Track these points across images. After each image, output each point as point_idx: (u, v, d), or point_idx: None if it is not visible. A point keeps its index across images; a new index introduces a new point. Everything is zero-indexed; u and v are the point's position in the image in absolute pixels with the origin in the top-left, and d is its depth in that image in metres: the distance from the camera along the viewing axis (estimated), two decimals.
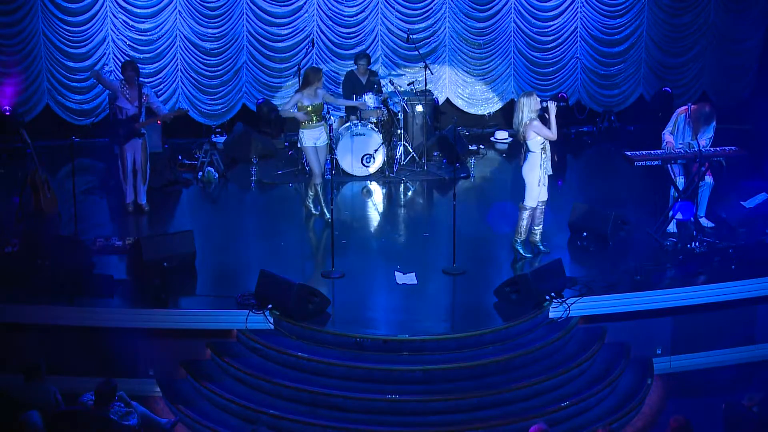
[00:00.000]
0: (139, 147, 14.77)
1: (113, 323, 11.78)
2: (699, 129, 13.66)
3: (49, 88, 18.46)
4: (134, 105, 14.62)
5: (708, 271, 12.71)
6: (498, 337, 11.60)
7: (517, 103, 13.09)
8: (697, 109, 13.70)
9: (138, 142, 14.74)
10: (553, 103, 12.89)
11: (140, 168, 14.82)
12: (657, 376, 12.15)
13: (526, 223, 13.20)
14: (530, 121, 12.83)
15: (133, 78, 14.65)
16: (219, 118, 19.09)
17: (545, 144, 12.91)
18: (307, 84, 14.37)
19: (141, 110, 14.65)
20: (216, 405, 11.38)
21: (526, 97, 12.96)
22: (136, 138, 14.71)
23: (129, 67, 14.78)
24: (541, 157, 12.90)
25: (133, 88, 14.66)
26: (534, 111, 12.86)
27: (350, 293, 12.61)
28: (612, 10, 19.70)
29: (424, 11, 19.38)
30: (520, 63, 19.79)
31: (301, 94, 14.37)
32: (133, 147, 14.73)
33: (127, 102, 14.63)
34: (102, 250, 13.44)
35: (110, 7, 18.29)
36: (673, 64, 20.04)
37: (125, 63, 15.10)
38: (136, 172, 14.83)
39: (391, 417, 10.97)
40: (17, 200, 15.18)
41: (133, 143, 14.71)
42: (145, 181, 14.95)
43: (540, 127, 12.82)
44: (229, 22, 18.79)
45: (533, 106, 12.88)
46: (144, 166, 14.86)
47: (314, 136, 14.44)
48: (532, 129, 12.82)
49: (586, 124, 19.94)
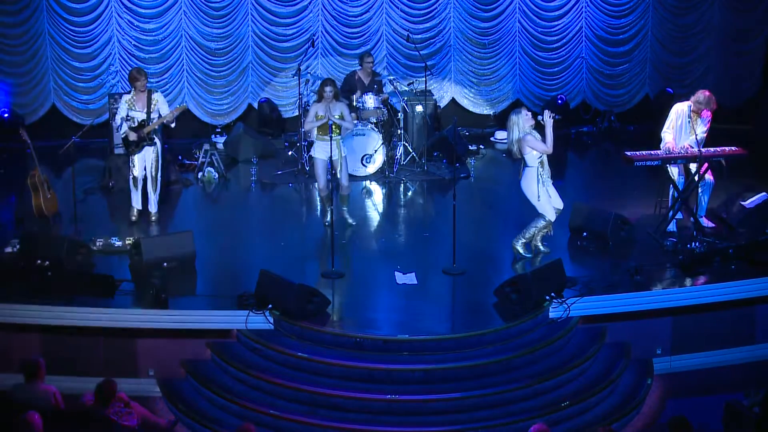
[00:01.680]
0: (151, 154, 14.48)
1: (113, 323, 11.79)
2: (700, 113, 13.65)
3: (55, 88, 18.53)
4: (143, 111, 14.34)
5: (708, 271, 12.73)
6: (498, 337, 11.60)
7: (509, 122, 12.99)
8: (698, 94, 13.74)
9: (149, 149, 14.46)
10: (549, 115, 12.81)
11: (151, 175, 14.52)
12: (657, 376, 12.13)
13: (535, 230, 13.18)
14: (524, 135, 12.78)
15: (142, 85, 14.32)
16: (225, 118, 19.13)
17: (543, 158, 12.84)
18: (320, 97, 14.08)
19: (149, 116, 14.34)
20: (216, 405, 11.39)
21: (516, 115, 12.88)
22: (147, 145, 14.43)
23: (137, 75, 14.40)
24: (538, 171, 12.85)
25: (143, 95, 14.38)
26: (527, 127, 12.82)
27: (350, 293, 12.62)
28: (617, 9, 19.70)
29: (428, 11, 19.38)
30: (525, 63, 19.79)
31: (318, 105, 14.06)
32: (143, 154, 14.46)
33: (136, 111, 14.37)
34: (102, 250, 13.47)
35: (115, 7, 18.34)
36: (678, 64, 20.04)
37: (133, 72, 14.57)
38: (146, 179, 14.57)
39: (391, 417, 10.96)
40: (13, 199, 15.24)
41: (145, 150, 14.43)
42: (155, 189, 14.63)
43: (534, 142, 12.74)
44: (234, 22, 18.82)
45: (524, 122, 12.83)
46: (155, 174, 14.56)
47: (326, 149, 13.69)
48: (527, 144, 12.74)
49: (586, 124, 19.93)
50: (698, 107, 13.72)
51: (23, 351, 11.52)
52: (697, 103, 13.72)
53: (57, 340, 11.86)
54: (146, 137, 14.39)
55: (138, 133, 14.35)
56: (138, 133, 14.35)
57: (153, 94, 14.47)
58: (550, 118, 12.71)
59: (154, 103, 14.39)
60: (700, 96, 13.76)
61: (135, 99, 14.40)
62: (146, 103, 14.36)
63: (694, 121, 13.70)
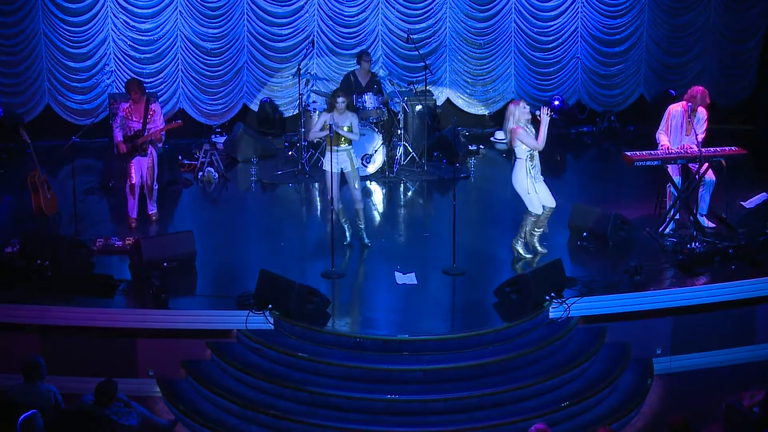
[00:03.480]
0: (144, 164, 14.32)
1: (113, 323, 11.78)
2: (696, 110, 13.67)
3: (50, 88, 18.47)
4: (140, 122, 14.21)
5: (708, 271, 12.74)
6: (498, 337, 11.61)
7: (507, 111, 13.00)
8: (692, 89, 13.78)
9: (143, 160, 14.30)
10: (546, 110, 12.77)
11: (147, 184, 14.41)
12: (657, 376, 12.14)
13: (529, 228, 13.19)
14: (515, 127, 12.76)
15: (139, 97, 14.21)
16: (220, 118, 19.09)
17: (533, 152, 12.85)
18: (332, 107, 13.49)
19: (145, 127, 14.20)
20: (216, 405, 11.38)
21: (514, 105, 12.89)
22: (140, 156, 14.26)
23: (135, 86, 14.28)
24: (527, 164, 12.84)
25: (140, 105, 14.25)
26: (522, 119, 12.80)
27: (350, 293, 12.64)
28: (612, 10, 19.70)
29: (424, 11, 19.37)
30: (520, 63, 19.78)
31: (328, 116, 13.43)
32: (138, 163, 14.29)
33: (133, 121, 14.25)
34: (102, 250, 13.45)
35: (111, 7, 18.28)
36: (673, 64, 20.05)
37: (129, 83, 14.45)
38: (142, 187, 14.45)
39: (391, 417, 10.96)
40: (8, 199, 15.21)
41: (138, 160, 14.29)
42: (151, 196, 14.56)
43: (525, 136, 12.72)
44: (230, 22, 18.79)
45: (520, 114, 12.81)
46: (151, 183, 14.44)
47: (335, 160, 13.32)
48: (517, 136, 12.74)
49: (586, 124, 19.93)
50: (694, 104, 13.74)
51: (23, 351, 11.49)
52: (692, 99, 13.74)
53: (57, 340, 11.84)
54: (139, 148, 14.25)
55: (131, 144, 14.24)
56: (132, 143, 14.24)
57: (151, 105, 14.37)
58: (546, 115, 12.71)
59: (151, 113, 14.31)
60: (693, 92, 13.80)
61: (133, 109, 14.31)
62: (143, 114, 14.25)
63: (692, 119, 13.72)
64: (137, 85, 14.39)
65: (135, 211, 14.51)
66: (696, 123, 13.71)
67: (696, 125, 13.68)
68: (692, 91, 13.84)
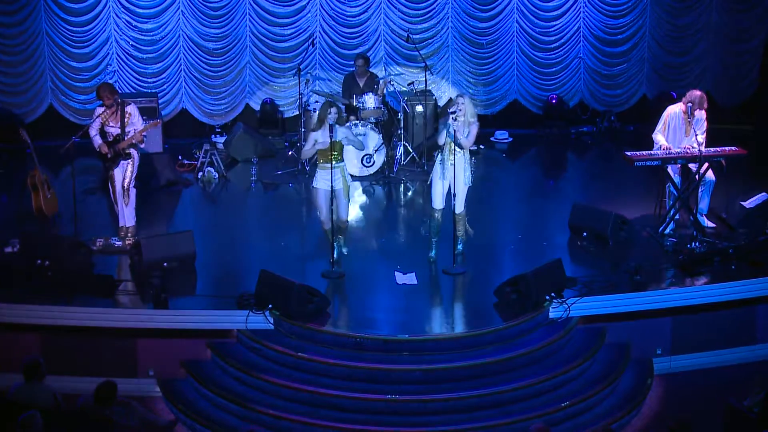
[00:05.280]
0: (126, 168, 13.84)
1: (113, 323, 11.79)
2: (694, 113, 13.66)
3: (53, 88, 18.51)
4: (117, 126, 13.74)
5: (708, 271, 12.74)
6: (498, 337, 11.60)
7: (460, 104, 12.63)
8: (691, 92, 13.77)
9: (125, 164, 13.84)
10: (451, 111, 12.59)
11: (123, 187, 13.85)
12: (657, 376, 12.12)
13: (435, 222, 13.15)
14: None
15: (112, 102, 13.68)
16: (222, 118, 19.12)
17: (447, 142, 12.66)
18: (320, 122, 12.79)
19: (124, 131, 13.74)
20: (216, 405, 11.37)
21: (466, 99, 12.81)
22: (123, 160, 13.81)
23: (106, 91, 13.72)
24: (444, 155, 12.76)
25: (116, 110, 13.76)
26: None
27: (350, 293, 12.62)
28: (614, 10, 19.69)
29: (426, 11, 19.37)
30: (522, 63, 19.78)
31: (316, 133, 12.80)
32: (122, 168, 13.83)
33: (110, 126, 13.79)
34: (102, 250, 13.46)
35: (113, 7, 18.33)
36: (675, 64, 20.03)
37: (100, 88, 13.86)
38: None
39: (392, 417, 10.95)
40: (5, 199, 15.21)
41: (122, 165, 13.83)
42: (127, 202, 13.91)
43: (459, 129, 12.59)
44: (232, 22, 18.81)
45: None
46: (127, 186, 13.85)
47: (327, 177, 12.65)
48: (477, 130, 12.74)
49: (586, 124, 19.92)
50: (692, 107, 13.73)
51: (23, 351, 11.46)
52: (690, 102, 13.74)
53: (57, 340, 11.84)
54: (122, 153, 13.82)
55: (113, 149, 13.79)
56: (113, 149, 13.80)
57: (126, 107, 13.82)
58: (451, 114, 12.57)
59: (128, 116, 13.77)
60: (692, 95, 13.79)
61: (108, 113, 13.77)
62: (119, 118, 13.77)
63: (690, 121, 13.72)
64: (108, 89, 13.83)
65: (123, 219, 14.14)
66: (695, 124, 13.71)
67: (695, 126, 13.68)
68: (691, 94, 13.83)
